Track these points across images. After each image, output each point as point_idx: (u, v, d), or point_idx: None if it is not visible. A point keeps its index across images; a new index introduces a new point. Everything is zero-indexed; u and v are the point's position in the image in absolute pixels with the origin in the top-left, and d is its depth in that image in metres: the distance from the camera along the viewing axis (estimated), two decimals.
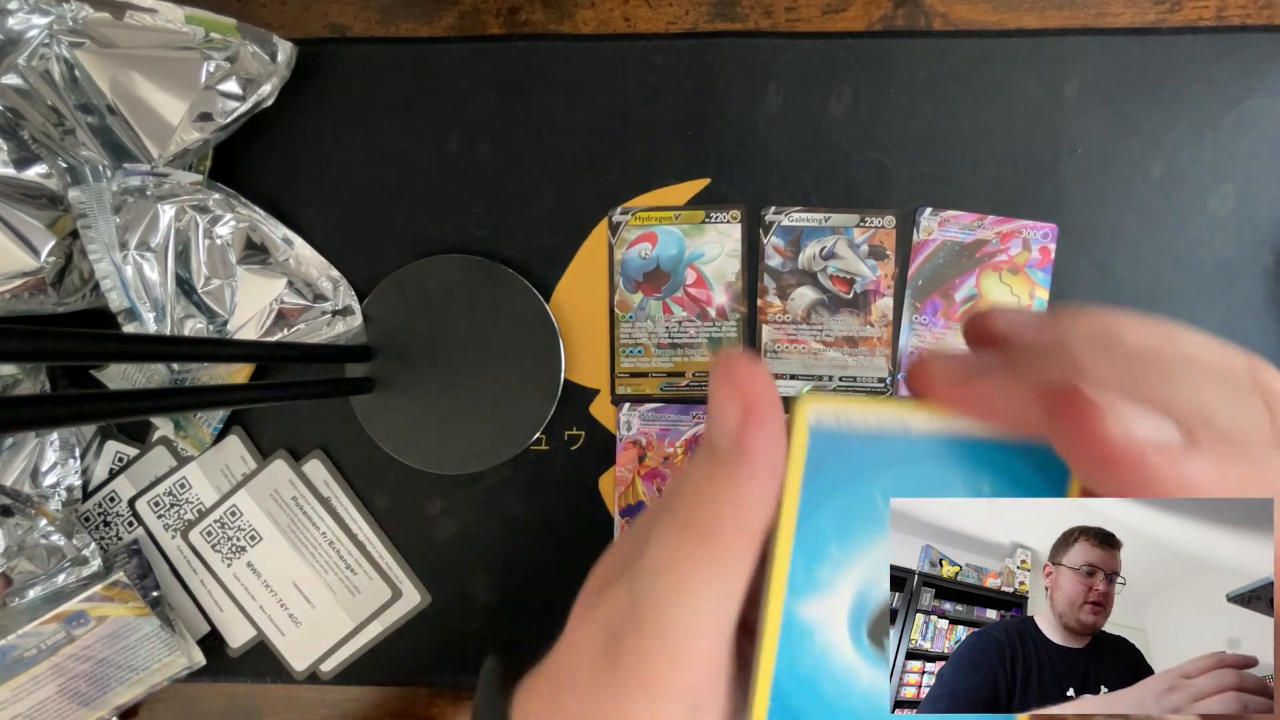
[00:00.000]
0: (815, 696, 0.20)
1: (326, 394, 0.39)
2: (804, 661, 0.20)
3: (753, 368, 0.17)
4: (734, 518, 0.18)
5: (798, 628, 0.19)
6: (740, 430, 0.17)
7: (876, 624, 0.20)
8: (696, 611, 0.18)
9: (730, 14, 0.41)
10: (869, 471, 0.19)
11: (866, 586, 0.19)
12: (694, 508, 0.18)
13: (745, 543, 0.18)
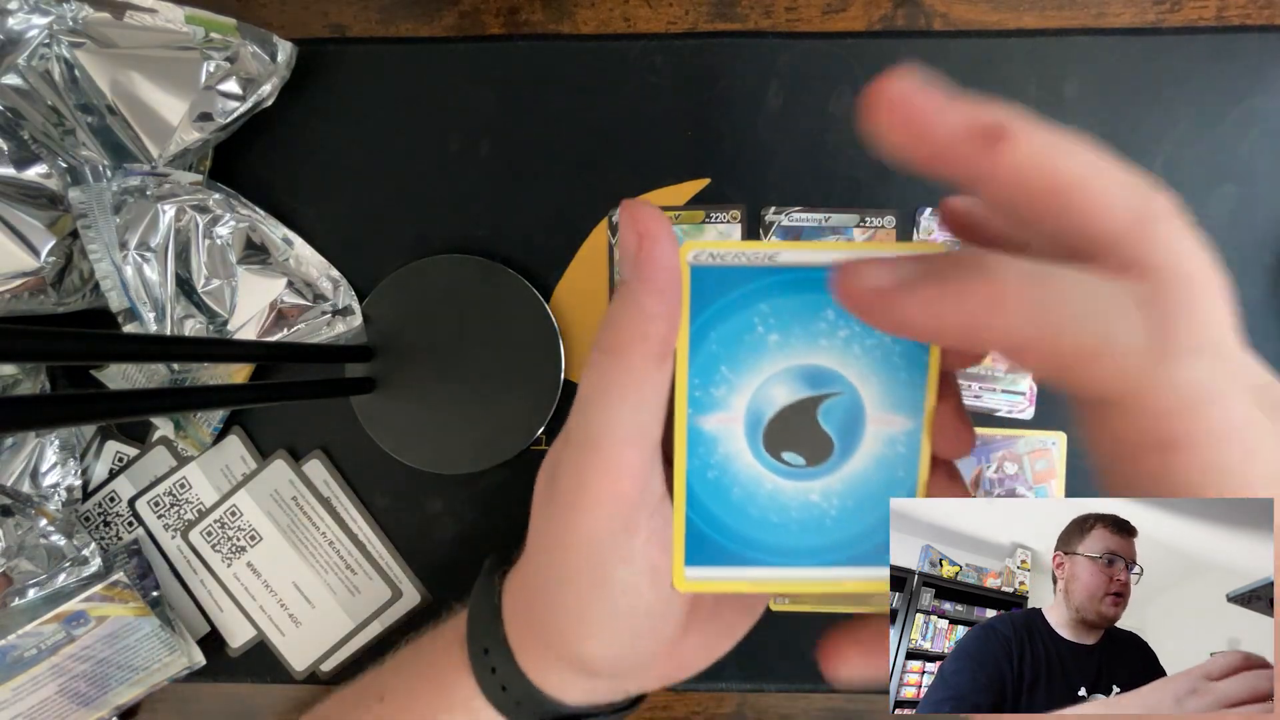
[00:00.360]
0: (724, 497, 0.23)
1: (326, 394, 0.39)
2: (712, 469, 0.22)
3: (646, 206, 0.20)
4: (637, 331, 0.20)
5: (703, 439, 0.22)
6: (635, 253, 0.20)
7: (769, 435, 0.22)
8: (615, 420, 0.20)
9: (730, 14, 0.41)
10: (747, 300, 0.22)
11: (757, 403, 0.22)
12: (605, 332, 0.20)
13: (649, 352, 0.20)
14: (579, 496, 0.21)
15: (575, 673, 0.25)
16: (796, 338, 0.22)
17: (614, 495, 0.21)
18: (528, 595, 0.26)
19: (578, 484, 0.21)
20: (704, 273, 0.21)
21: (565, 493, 0.22)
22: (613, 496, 0.21)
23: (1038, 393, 0.40)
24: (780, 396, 0.22)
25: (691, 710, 0.44)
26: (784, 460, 0.22)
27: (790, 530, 0.23)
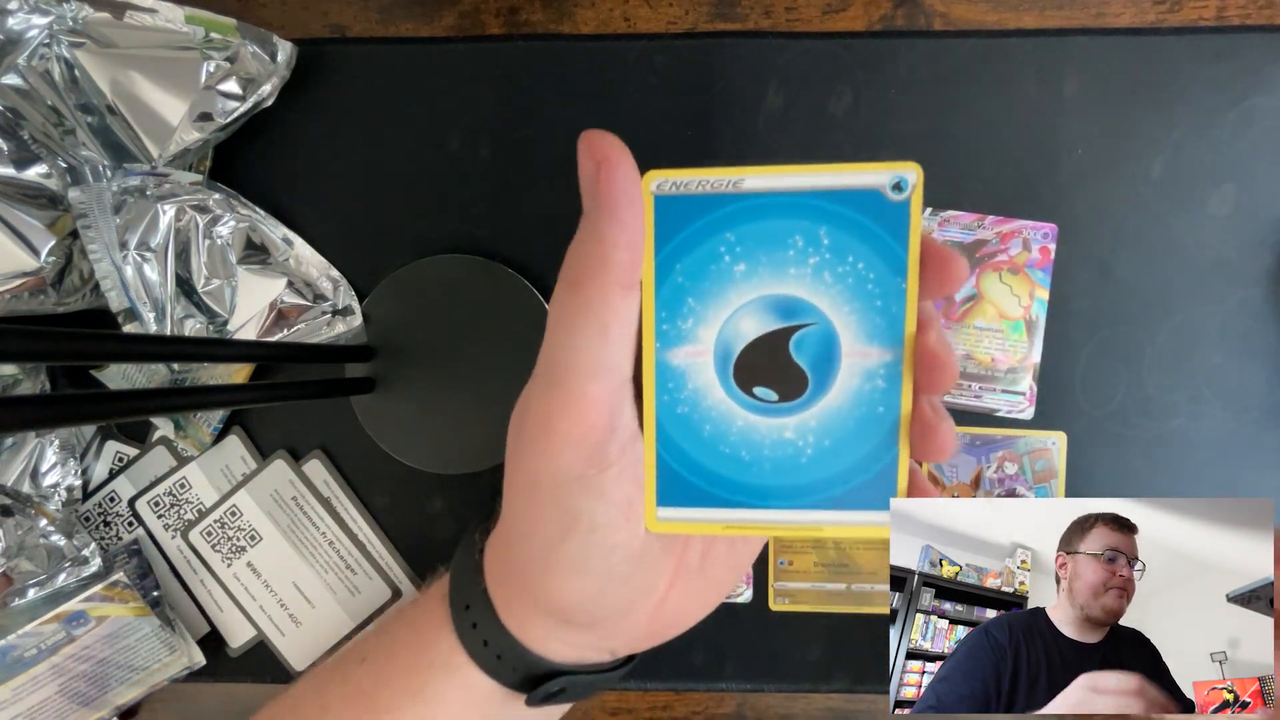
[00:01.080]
0: (695, 434, 0.22)
1: (326, 394, 0.39)
2: (682, 404, 0.22)
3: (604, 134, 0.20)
4: (598, 260, 0.20)
5: (672, 373, 0.22)
6: (594, 181, 0.20)
7: (740, 369, 0.21)
8: (579, 354, 0.20)
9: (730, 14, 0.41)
10: (712, 229, 0.21)
11: (726, 336, 0.21)
12: (567, 264, 0.20)
13: (611, 281, 0.20)
14: (546, 434, 0.21)
15: (554, 621, 0.24)
16: (765, 267, 0.21)
17: (581, 430, 0.20)
18: (505, 545, 0.25)
19: (544, 421, 0.21)
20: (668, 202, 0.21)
21: (532, 431, 0.21)
22: (580, 432, 0.20)
23: (1038, 393, 0.40)
24: (750, 329, 0.21)
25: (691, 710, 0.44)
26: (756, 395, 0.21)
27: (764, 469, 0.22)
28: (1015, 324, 0.40)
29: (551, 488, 0.21)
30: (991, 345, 0.40)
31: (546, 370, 0.21)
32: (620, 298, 0.20)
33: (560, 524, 0.21)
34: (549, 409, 0.21)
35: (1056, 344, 0.40)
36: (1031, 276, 0.40)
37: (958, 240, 0.40)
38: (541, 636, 0.24)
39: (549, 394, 0.21)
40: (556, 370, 0.20)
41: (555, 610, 0.23)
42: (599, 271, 0.19)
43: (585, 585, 0.22)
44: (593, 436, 0.20)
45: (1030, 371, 0.40)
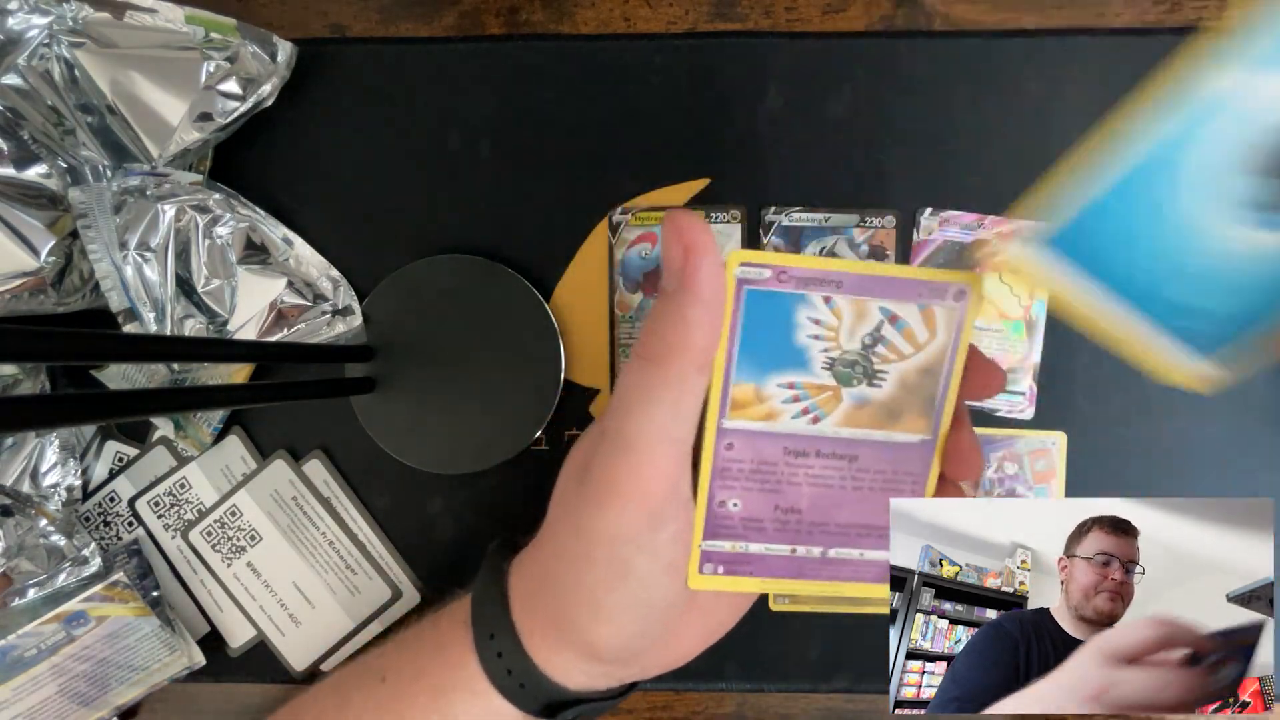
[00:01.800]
0: None
1: (326, 394, 0.39)
2: None
3: (692, 217, 0.20)
4: (680, 341, 0.21)
5: None
6: (682, 266, 0.20)
7: None
8: (651, 423, 0.21)
9: (730, 14, 0.41)
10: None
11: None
12: (647, 339, 0.21)
13: (691, 362, 0.21)
14: (610, 493, 0.22)
15: (582, 657, 0.26)
16: None
17: (644, 495, 0.22)
18: (540, 580, 0.26)
19: (610, 481, 0.22)
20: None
21: (596, 488, 0.23)
22: (643, 496, 0.22)
23: (1037, 393, 0.40)
24: None
25: (691, 710, 0.44)
26: None
27: None
28: (1015, 324, 0.40)
29: (607, 544, 0.23)
30: (991, 345, 0.40)
31: (618, 434, 0.22)
32: (697, 377, 0.21)
33: (610, 575, 0.23)
34: (616, 471, 0.22)
35: (1056, 344, 0.40)
36: None
37: (958, 240, 0.40)
38: (564, 668, 0.26)
39: (618, 458, 0.22)
40: (629, 437, 0.22)
41: (587, 650, 0.25)
42: (680, 353, 0.21)
43: (621, 631, 0.24)
44: (654, 501, 0.22)
45: (1030, 371, 0.40)
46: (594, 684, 0.27)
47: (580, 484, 0.24)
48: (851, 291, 0.22)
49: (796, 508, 0.24)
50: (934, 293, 0.22)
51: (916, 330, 0.22)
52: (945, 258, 0.40)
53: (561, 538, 0.25)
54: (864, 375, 0.23)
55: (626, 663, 0.26)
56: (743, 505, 0.24)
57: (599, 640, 0.24)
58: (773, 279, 0.22)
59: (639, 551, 0.23)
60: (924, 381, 0.22)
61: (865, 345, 0.22)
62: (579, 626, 0.25)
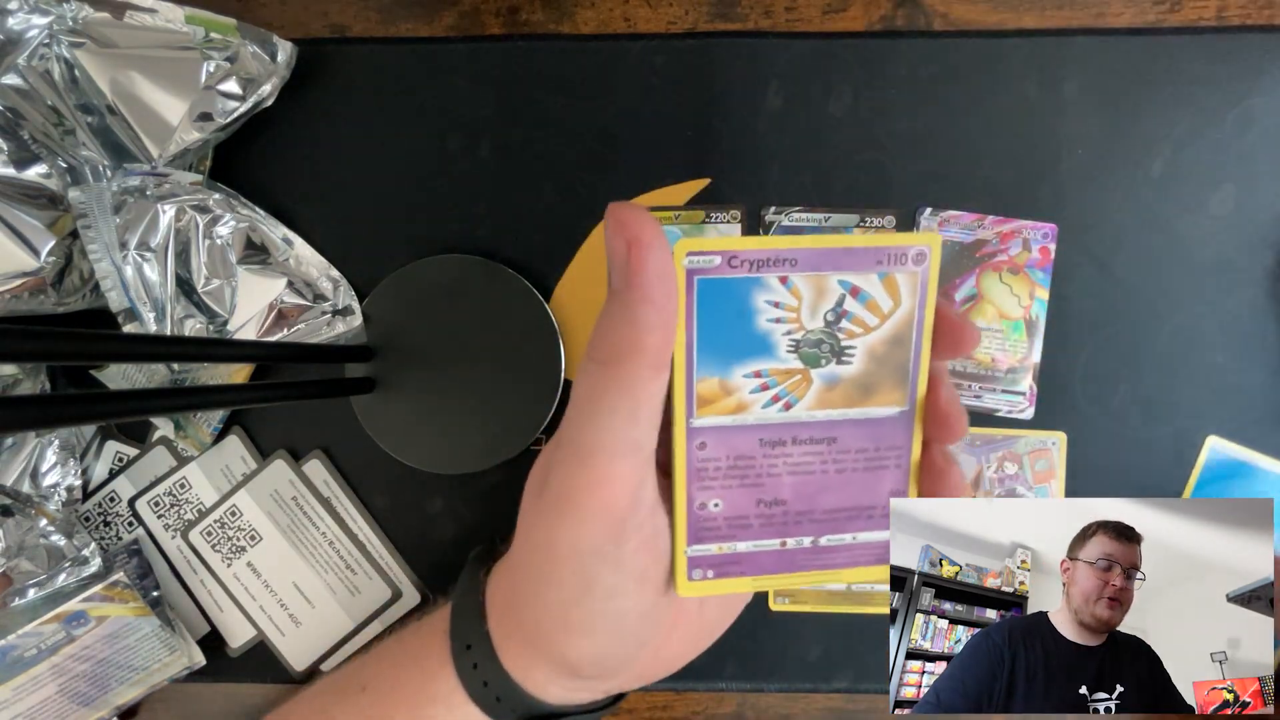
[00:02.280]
0: None
1: (326, 394, 0.39)
2: None
3: (634, 209, 0.19)
4: (631, 342, 0.19)
5: None
6: (626, 261, 0.19)
7: None
8: (607, 431, 0.20)
9: (730, 14, 0.41)
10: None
11: None
12: (598, 341, 0.20)
13: (644, 363, 0.20)
14: (568, 506, 0.21)
15: (559, 672, 0.25)
16: None
17: (604, 507, 0.21)
18: (512, 594, 0.26)
19: (567, 494, 0.21)
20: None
21: (555, 501, 0.22)
22: (603, 507, 0.21)
23: (1038, 393, 0.40)
24: None
25: (691, 710, 0.44)
26: None
27: None
28: (1015, 324, 0.40)
29: (570, 557, 0.22)
30: (991, 345, 0.40)
31: (572, 444, 0.21)
32: (651, 379, 0.20)
33: (575, 590, 0.22)
34: (574, 484, 0.21)
35: (1056, 344, 0.40)
36: (1031, 276, 0.40)
37: (958, 240, 0.40)
38: (542, 682, 0.25)
39: (575, 469, 0.21)
40: (583, 447, 0.20)
41: (563, 664, 0.24)
42: (631, 353, 0.19)
43: (595, 644, 0.23)
44: (615, 513, 0.21)
45: (1030, 371, 0.40)
46: (573, 697, 0.26)
47: (540, 496, 0.23)
48: (808, 269, 0.21)
49: (780, 499, 0.23)
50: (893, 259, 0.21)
51: (880, 300, 0.21)
52: (945, 257, 0.40)
53: (526, 551, 0.24)
54: (831, 353, 0.22)
55: (606, 676, 0.25)
56: (724, 504, 0.23)
57: (572, 655, 0.24)
58: (723, 265, 0.20)
59: (604, 564, 0.21)
60: (894, 351, 0.22)
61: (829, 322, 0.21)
62: (551, 641, 0.24)
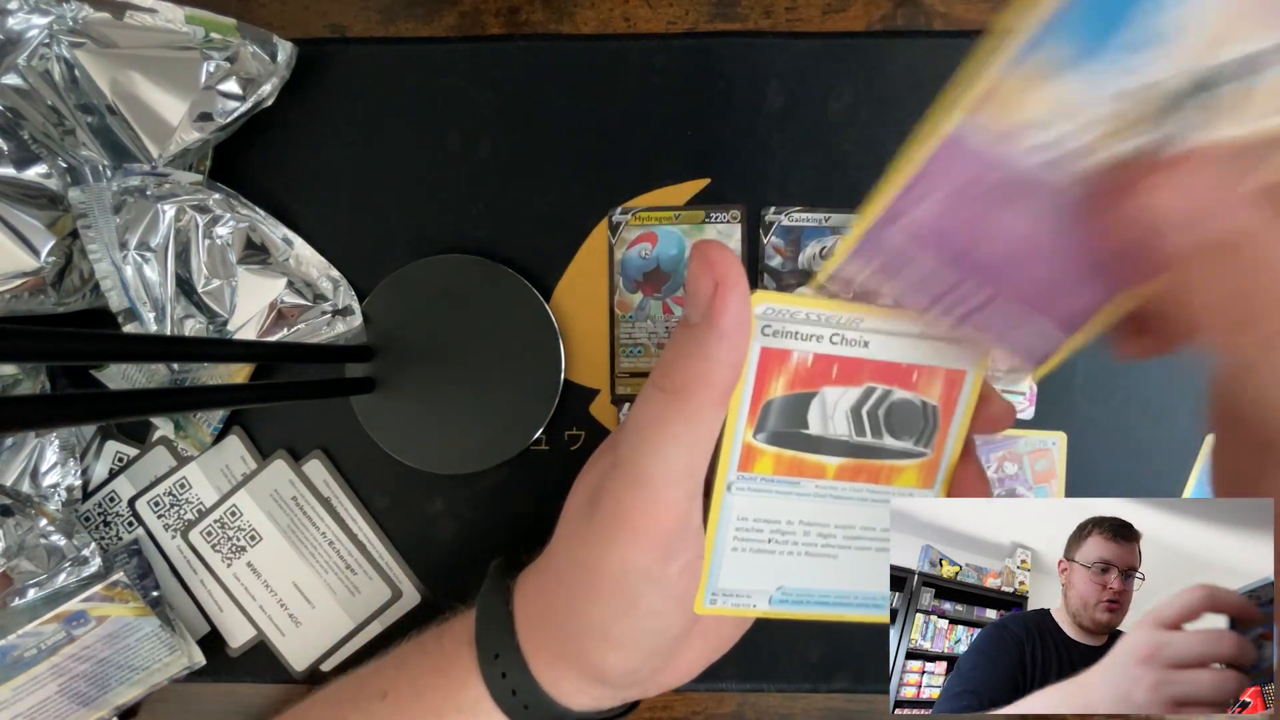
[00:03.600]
0: None
1: (326, 394, 0.39)
2: None
3: (723, 250, 0.20)
4: (701, 376, 0.20)
5: None
6: (709, 301, 0.20)
7: None
8: (667, 459, 0.21)
9: (730, 14, 0.41)
10: None
11: None
12: (667, 370, 0.21)
13: (711, 399, 0.20)
14: (620, 527, 0.22)
15: (588, 682, 0.25)
16: None
17: (655, 529, 0.21)
18: (546, 605, 0.26)
19: (620, 515, 0.22)
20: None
21: (607, 520, 0.22)
22: (654, 530, 0.21)
23: (1038, 393, 0.40)
24: None
25: (691, 710, 0.44)
26: None
27: None
28: None
29: (617, 575, 0.22)
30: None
31: (630, 467, 0.22)
32: (714, 413, 0.21)
33: (620, 607, 0.23)
34: (628, 505, 0.22)
35: None
36: None
37: None
38: (569, 691, 0.26)
39: (630, 491, 0.22)
40: (641, 470, 0.21)
41: (595, 675, 0.25)
42: (701, 387, 0.20)
43: (631, 658, 0.24)
44: (664, 536, 0.22)
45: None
46: (598, 705, 0.27)
47: (590, 514, 0.24)
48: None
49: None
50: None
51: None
52: None
53: (569, 566, 0.25)
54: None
55: (632, 686, 0.26)
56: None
57: (607, 668, 0.24)
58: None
59: (648, 584, 0.22)
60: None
61: None
62: (586, 654, 0.24)
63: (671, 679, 0.27)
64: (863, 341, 0.21)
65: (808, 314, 0.21)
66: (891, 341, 0.21)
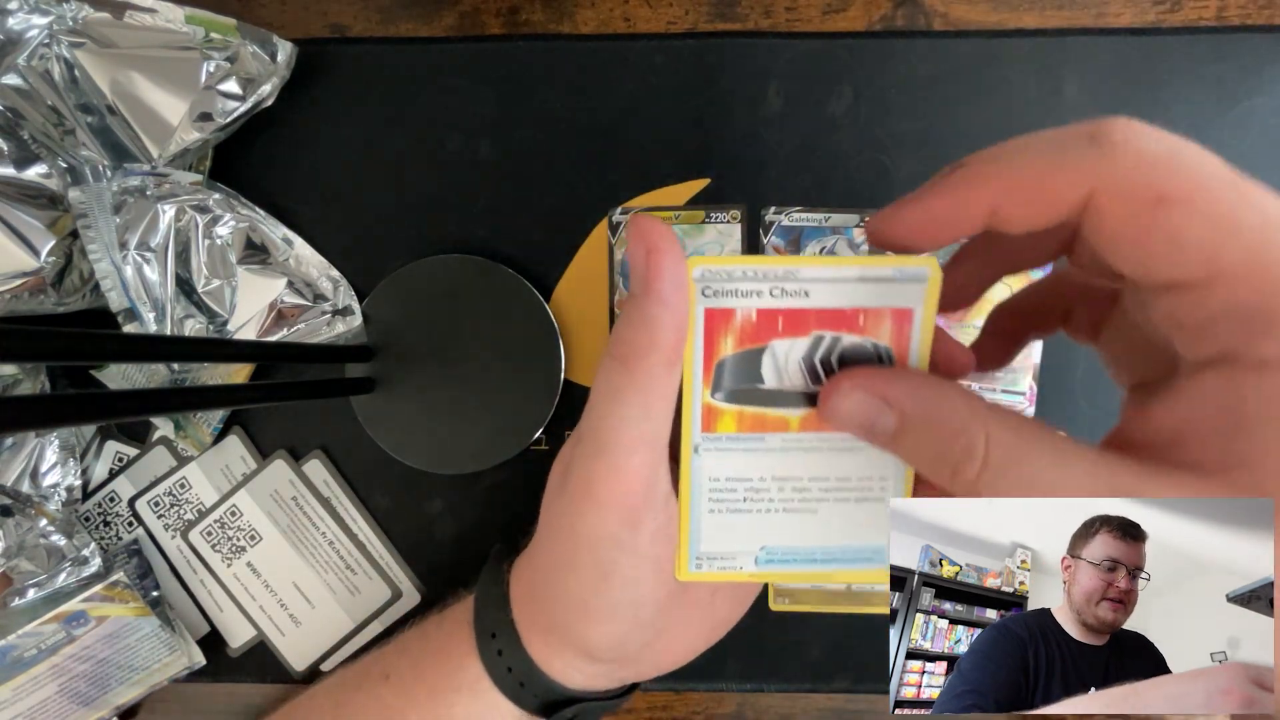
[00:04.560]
0: None
1: (326, 394, 0.39)
2: None
3: (654, 221, 0.20)
4: (646, 342, 0.21)
5: None
6: (644, 267, 0.20)
7: None
8: (625, 425, 0.21)
9: (730, 14, 0.41)
10: None
11: None
12: (615, 340, 0.21)
13: (659, 362, 0.21)
14: (587, 496, 0.22)
15: (579, 657, 0.26)
16: None
17: (620, 496, 0.22)
18: (535, 583, 0.27)
19: (586, 484, 0.22)
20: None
21: (575, 492, 0.23)
22: (619, 496, 0.22)
23: (1038, 393, 0.40)
24: None
25: (691, 710, 0.44)
26: None
27: None
28: None
29: (590, 545, 0.23)
30: None
31: (592, 437, 0.22)
32: (665, 376, 0.21)
33: (595, 577, 0.24)
34: (591, 475, 0.22)
35: (1056, 344, 0.40)
36: (1031, 276, 0.40)
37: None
38: (563, 668, 0.27)
39: (593, 461, 0.22)
40: (601, 439, 0.22)
41: (583, 649, 0.26)
42: (647, 352, 0.21)
43: (614, 630, 0.25)
44: (630, 501, 0.22)
45: (1030, 371, 0.40)
46: (593, 684, 0.27)
47: (562, 488, 0.24)
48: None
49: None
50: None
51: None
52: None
53: (549, 541, 0.26)
54: None
55: (624, 662, 0.27)
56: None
57: (592, 640, 0.25)
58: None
59: (620, 551, 0.23)
60: None
61: None
62: (571, 627, 0.25)
63: (667, 659, 0.27)
64: (803, 291, 0.21)
65: (744, 270, 0.21)
66: (831, 288, 0.21)
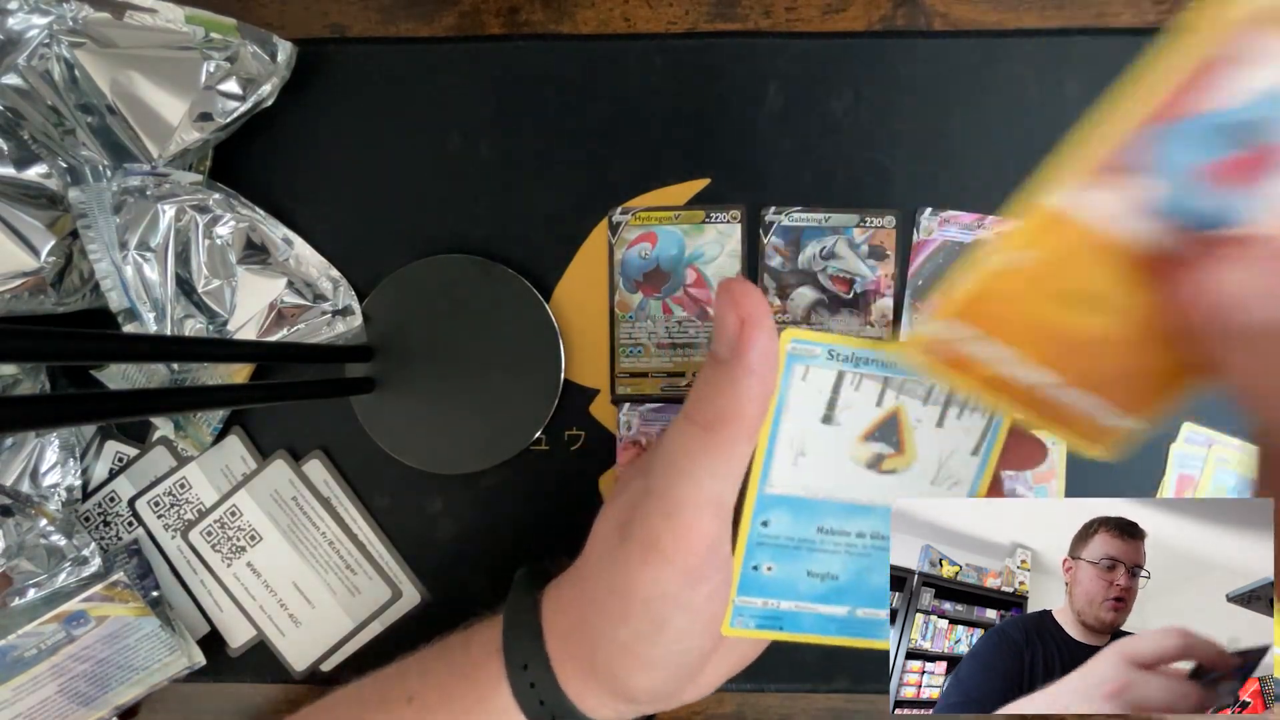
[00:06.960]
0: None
1: (326, 394, 0.39)
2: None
3: (748, 287, 0.21)
4: (731, 410, 0.21)
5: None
6: (737, 337, 0.20)
7: None
8: (698, 489, 0.22)
9: (730, 14, 0.41)
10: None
11: None
12: (699, 404, 0.22)
13: (740, 431, 0.21)
14: (651, 553, 0.23)
15: (615, 699, 0.26)
16: None
17: (686, 555, 0.22)
18: (576, 621, 0.27)
19: (651, 541, 0.23)
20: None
21: (638, 546, 0.23)
22: (684, 556, 0.22)
23: None
24: None
25: (692, 710, 0.44)
26: None
27: None
28: None
29: (646, 599, 0.23)
30: None
31: (661, 496, 0.23)
32: (744, 444, 0.22)
33: (650, 630, 0.24)
34: (660, 532, 0.23)
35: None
36: None
37: (958, 240, 0.40)
38: (596, 704, 0.27)
39: (663, 519, 0.23)
40: (672, 499, 0.22)
41: (625, 694, 0.26)
42: (730, 422, 0.21)
43: (657, 680, 0.25)
44: (693, 561, 0.23)
45: None
46: (620, 717, 0.28)
47: (622, 539, 0.24)
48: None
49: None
50: None
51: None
52: (945, 257, 0.40)
53: (600, 587, 0.26)
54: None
55: (657, 703, 0.27)
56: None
57: (635, 686, 0.25)
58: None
59: (677, 608, 0.23)
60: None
61: None
62: (614, 674, 0.25)
63: (692, 695, 0.28)
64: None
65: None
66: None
